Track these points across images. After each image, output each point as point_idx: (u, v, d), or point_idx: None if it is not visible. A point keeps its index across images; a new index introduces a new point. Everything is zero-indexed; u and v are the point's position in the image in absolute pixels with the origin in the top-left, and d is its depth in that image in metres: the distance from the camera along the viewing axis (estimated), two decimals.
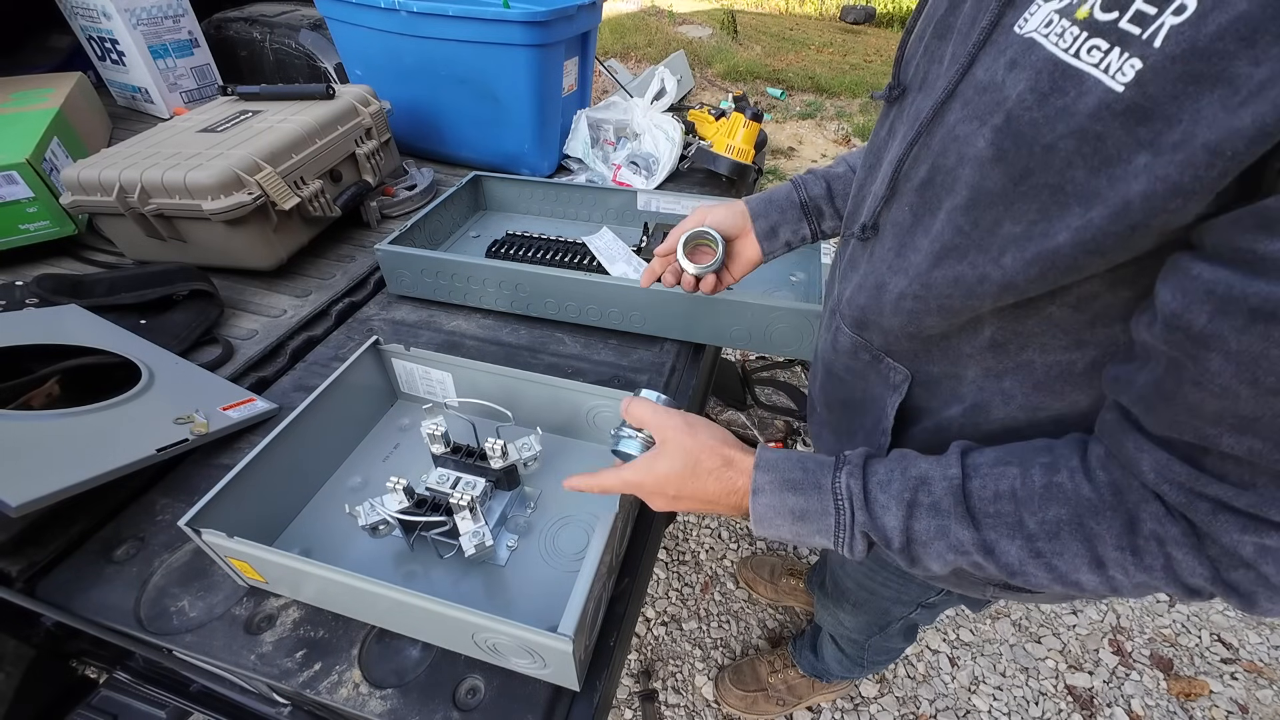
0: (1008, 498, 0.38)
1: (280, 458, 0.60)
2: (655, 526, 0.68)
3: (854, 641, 1.03)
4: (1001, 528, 0.38)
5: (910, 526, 0.41)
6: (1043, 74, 0.31)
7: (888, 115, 0.49)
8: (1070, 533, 0.36)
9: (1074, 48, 0.29)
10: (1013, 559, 0.38)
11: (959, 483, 0.39)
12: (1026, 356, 0.40)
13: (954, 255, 0.38)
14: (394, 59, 1.24)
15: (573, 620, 0.45)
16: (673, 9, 6.80)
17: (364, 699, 0.49)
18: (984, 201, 0.35)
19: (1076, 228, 0.30)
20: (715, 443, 0.48)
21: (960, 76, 0.36)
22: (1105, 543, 0.35)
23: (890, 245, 0.44)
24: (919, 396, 0.49)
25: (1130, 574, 0.35)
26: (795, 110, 4.71)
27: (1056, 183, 0.31)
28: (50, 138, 1.00)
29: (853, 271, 0.52)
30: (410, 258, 0.90)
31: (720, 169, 1.25)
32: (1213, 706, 1.36)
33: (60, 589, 0.56)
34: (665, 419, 0.50)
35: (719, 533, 1.71)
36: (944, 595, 0.74)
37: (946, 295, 0.39)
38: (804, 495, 0.44)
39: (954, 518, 0.39)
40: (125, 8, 1.28)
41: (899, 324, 0.45)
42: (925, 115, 0.38)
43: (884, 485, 0.42)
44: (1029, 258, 0.33)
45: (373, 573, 0.48)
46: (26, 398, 0.65)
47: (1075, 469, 0.37)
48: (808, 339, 0.81)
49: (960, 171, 0.36)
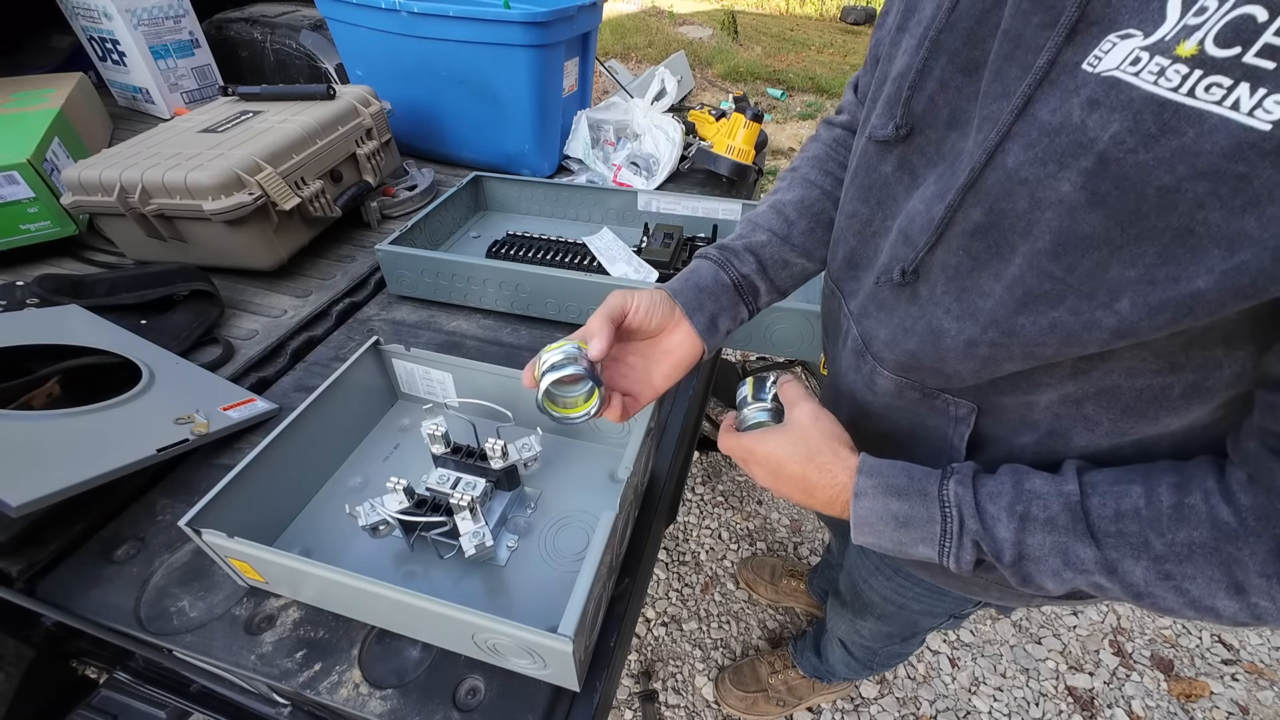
0: (1131, 517, 0.37)
1: (280, 458, 0.60)
2: (655, 527, 0.68)
3: (868, 648, 1.01)
4: (1125, 548, 0.37)
5: (1023, 541, 0.39)
6: (1144, 115, 0.29)
7: (889, 153, 0.47)
8: (1205, 556, 0.35)
9: (1185, 86, 0.28)
10: (1138, 580, 0.37)
11: (1076, 500, 0.38)
12: (1111, 381, 0.38)
13: (1044, 301, 0.36)
14: (395, 59, 1.24)
15: (573, 621, 0.45)
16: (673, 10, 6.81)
17: (364, 699, 0.49)
18: (1079, 247, 0.33)
19: (1222, 271, 0.29)
20: (832, 437, 0.48)
21: (1015, 117, 0.34)
22: (1247, 568, 0.34)
23: (944, 289, 0.42)
24: (985, 425, 0.47)
25: (1277, 601, 0.34)
26: (796, 111, 4.71)
27: (1183, 225, 0.30)
28: (51, 138, 1.00)
29: (884, 314, 0.49)
30: (411, 258, 0.90)
31: (720, 169, 1.25)
32: (1213, 708, 1.35)
33: (60, 589, 0.56)
34: (803, 402, 0.51)
35: (719, 533, 1.71)
36: (980, 605, 0.72)
37: (1038, 343, 0.37)
38: (909, 501, 0.43)
39: (1072, 535, 0.38)
40: (126, 8, 1.28)
41: (970, 369, 0.43)
42: (979, 158, 0.37)
43: (994, 497, 0.40)
44: (1155, 303, 0.31)
45: (373, 573, 0.48)
46: (27, 398, 0.65)
47: (1211, 490, 0.36)
48: (808, 339, 0.81)
49: (1038, 215, 0.34)
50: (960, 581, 0.62)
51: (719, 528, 1.73)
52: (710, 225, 1.08)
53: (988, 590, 0.60)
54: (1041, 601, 0.59)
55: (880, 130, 0.46)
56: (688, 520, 1.74)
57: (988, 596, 0.62)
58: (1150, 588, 0.37)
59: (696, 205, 1.09)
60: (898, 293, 0.47)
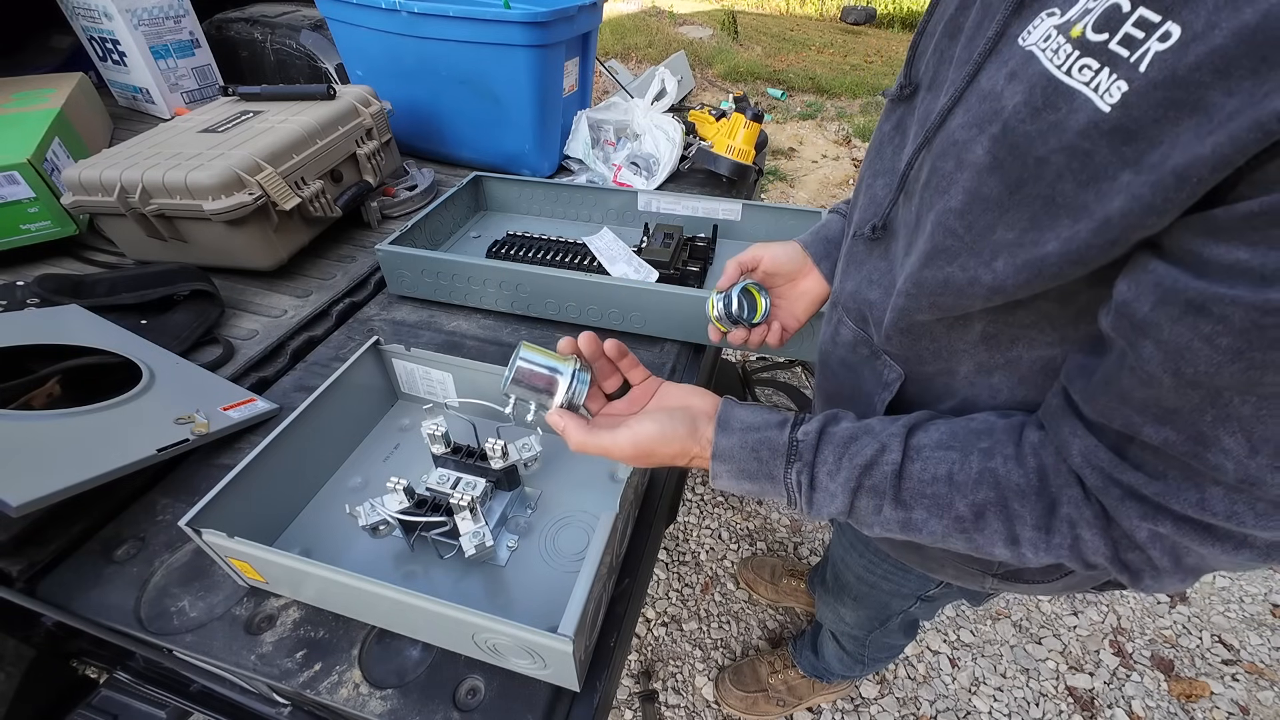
0: (944, 481, 0.41)
1: (281, 458, 0.60)
2: (655, 527, 0.68)
3: (855, 638, 1.04)
4: (933, 508, 0.42)
5: (854, 505, 0.45)
6: (1037, 88, 0.32)
7: (894, 112, 0.50)
8: (995, 513, 0.40)
9: (1067, 65, 0.31)
10: (935, 530, 0.42)
11: (898, 467, 0.43)
12: (1015, 352, 0.42)
13: (943, 257, 0.39)
14: (395, 59, 1.24)
15: (573, 621, 0.45)
16: (673, 10, 6.81)
17: (364, 699, 0.49)
18: (979, 207, 0.36)
19: (1065, 238, 0.32)
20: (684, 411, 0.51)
21: (967, 83, 0.37)
22: (1025, 523, 0.39)
23: (902, 245, 0.46)
24: (911, 394, 0.51)
25: (1038, 552, 0.39)
26: (796, 111, 4.71)
27: (1048, 194, 0.32)
28: (51, 138, 1.00)
29: (855, 268, 0.53)
30: (411, 258, 0.90)
31: (721, 169, 1.25)
32: (1213, 708, 1.35)
33: (61, 589, 0.56)
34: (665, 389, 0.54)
35: (719, 533, 1.71)
36: (943, 588, 0.75)
37: (937, 294, 0.41)
38: (758, 484, 0.47)
39: (886, 499, 0.43)
40: (126, 8, 1.28)
41: (892, 320, 0.46)
42: (934, 120, 0.40)
43: (833, 474, 0.45)
44: (1019, 264, 0.34)
45: (373, 573, 0.48)
46: (27, 398, 0.65)
47: (1009, 456, 0.40)
48: (808, 339, 0.81)
49: (957, 176, 0.37)
50: (919, 557, 0.66)
51: (719, 528, 1.73)
52: (710, 225, 1.08)
53: (944, 568, 0.64)
54: (996, 586, 0.62)
55: (891, 89, 0.49)
56: (688, 520, 1.74)
57: (945, 575, 0.66)
58: (945, 539, 0.43)
59: (697, 205, 1.09)
60: (870, 247, 0.52)
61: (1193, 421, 0.30)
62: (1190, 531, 0.33)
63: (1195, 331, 0.28)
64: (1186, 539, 0.33)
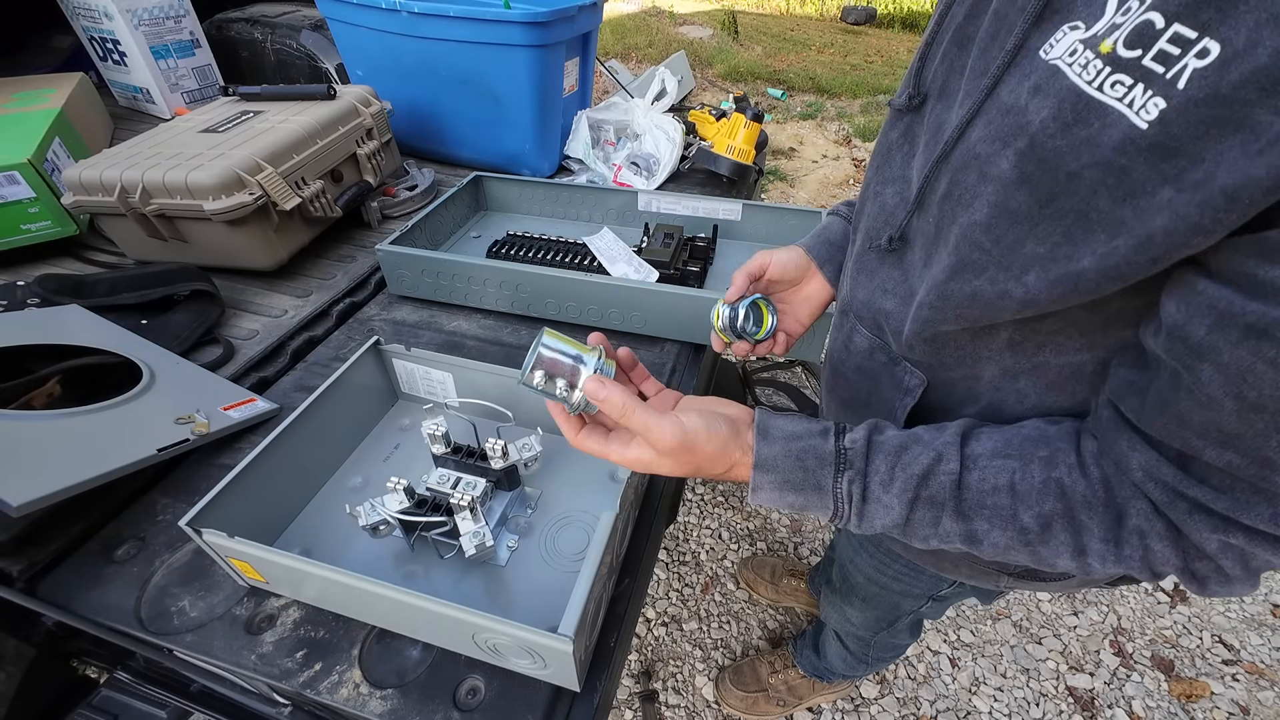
0: (1005, 491, 0.40)
1: (281, 458, 0.60)
2: (655, 527, 0.68)
3: (860, 639, 1.03)
4: (996, 520, 0.40)
5: (910, 517, 0.43)
6: (1066, 103, 0.31)
7: (900, 120, 0.49)
8: (1062, 525, 0.38)
9: (1097, 80, 0.30)
10: (998, 543, 0.41)
11: (956, 477, 0.41)
12: (1042, 357, 0.41)
13: (970, 270, 0.38)
14: (395, 59, 1.24)
15: (573, 621, 0.45)
16: (673, 10, 6.82)
17: (364, 699, 0.49)
18: (1005, 221, 0.35)
19: (1101, 254, 0.32)
20: (720, 418, 0.47)
21: (985, 95, 0.37)
22: (1093, 535, 0.38)
23: (920, 256, 0.45)
24: (934, 399, 0.49)
25: (1106, 563, 0.38)
26: (796, 111, 4.71)
27: (1081, 209, 0.32)
28: (52, 138, 1.00)
29: (866, 277, 0.52)
30: (411, 258, 0.90)
31: (721, 169, 1.25)
32: (1214, 708, 1.35)
33: (61, 589, 0.56)
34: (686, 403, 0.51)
35: (719, 533, 1.71)
36: (955, 588, 0.74)
37: (964, 306, 0.40)
38: (804, 495, 0.44)
39: (946, 510, 0.41)
40: (127, 8, 1.28)
41: (914, 330, 0.45)
42: (951, 132, 0.39)
43: (886, 485, 0.42)
44: (1053, 278, 0.34)
45: (373, 573, 0.48)
46: (28, 398, 0.65)
47: (1072, 465, 0.39)
48: (808, 340, 0.81)
49: (981, 189, 0.37)
50: (933, 558, 0.64)
51: (719, 528, 1.73)
52: (710, 225, 1.08)
53: (959, 568, 0.63)
54: (1011, 584, 0.61)
55: (897, 98, 0.48)
56: (688, 520, 1.74)
57: (959, 575, 0.65)
58: (1008, 552, 0.41)
59: (697, 205, 1.09)
60: (883, 257, 0.51)
61: (1257, 446, 0.30)
62: (1263, 542, 0.33)
63: (1258, 355, 0.27)
64: (1259, 548, 0.33)
